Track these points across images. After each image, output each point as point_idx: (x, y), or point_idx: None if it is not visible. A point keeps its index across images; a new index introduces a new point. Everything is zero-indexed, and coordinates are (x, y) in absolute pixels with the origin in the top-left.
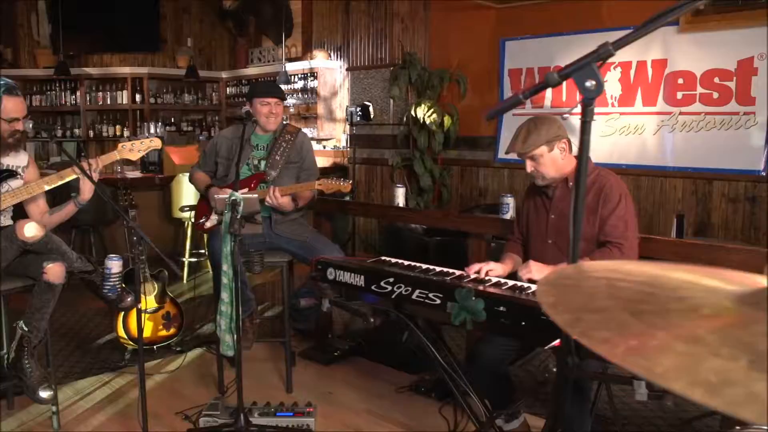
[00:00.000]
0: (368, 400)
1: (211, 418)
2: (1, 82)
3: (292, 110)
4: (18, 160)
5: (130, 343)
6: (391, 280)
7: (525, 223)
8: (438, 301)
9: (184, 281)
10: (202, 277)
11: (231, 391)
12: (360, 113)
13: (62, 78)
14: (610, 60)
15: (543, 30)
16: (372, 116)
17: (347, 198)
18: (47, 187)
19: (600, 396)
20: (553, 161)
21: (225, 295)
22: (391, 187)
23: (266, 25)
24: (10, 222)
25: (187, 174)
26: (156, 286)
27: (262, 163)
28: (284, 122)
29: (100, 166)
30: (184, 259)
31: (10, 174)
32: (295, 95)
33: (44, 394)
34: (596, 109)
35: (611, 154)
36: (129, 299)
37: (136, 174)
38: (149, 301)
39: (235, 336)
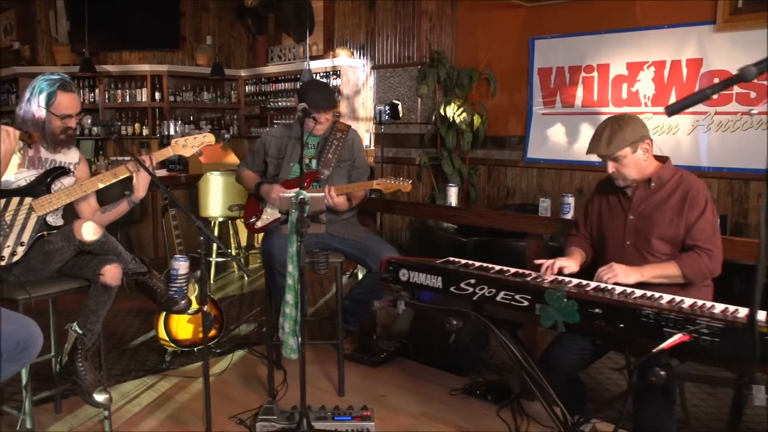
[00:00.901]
0: (422, 403)
1: (268, 423)
2: (56, 77)
3: None
4: (69, 157)
5: (171, 345)
6: (473, 281)
7: (596, 222)
8: (526, 303)
9: (212, 281)
10: (228, 277)
11: (282, 394)
12: (388, 112)
13: (81, 76)
14: (642, 59)
15: (573, 29)
16: (401, 115)
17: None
18: (101, 185)
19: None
20: (636, 162)
21: (290, 297)
22: (418, 186)
23: (287, 23)
24: (61, 221)
25: (214, 173)
26: (197, 286)
27: (314, 161)
28: (334, 120)
29: (154, 163)
30: (211, 259)
31: (63, 171)
32: None
33: (100, 397)
34: (628, 109)
35: None
36: (183, 302)
37: (162, 173)
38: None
39: (299, 339)
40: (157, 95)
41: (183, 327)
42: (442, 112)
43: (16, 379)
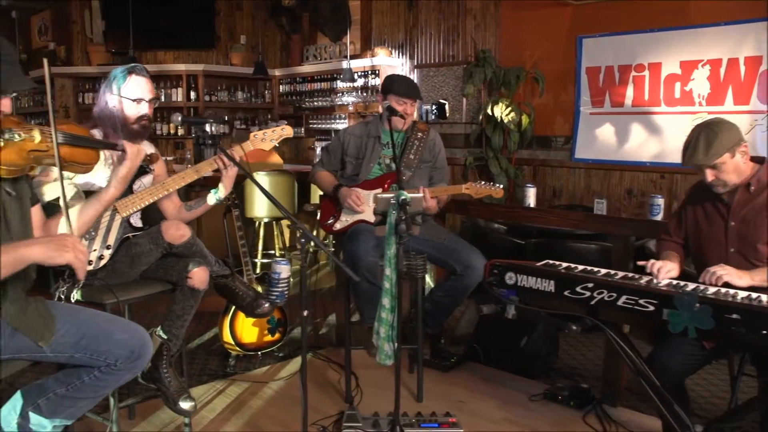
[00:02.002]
0: (504, 409)
1: (353, 430)
2: (128, 65)
3: (351, 108)
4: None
5: (237, 348)
6: (590, 285)
7: (693, 231)
8: (651, 308)
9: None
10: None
11: (358, 400)
12: (435, 111)
13: None
14: (697, 58)
15: (622, 27)
16: (447, 114)
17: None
18: (184, 183)
19: None
20: (736, 167)
21: (386, 301)
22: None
23: (323, 22)
24: (140, 223)
25: (259, 173)
26: (262, 288)
27: (393, 162)
28: (414, 121)
29: (236, 159)
30: (256, 260)
31: (143, 171)
32: (354, 93)
33: (185, 405)
34: (681, 108)
35: None
36: (266, 305)
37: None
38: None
39: (395, 345)
40: (192, 95)
41: (248, 330)
42: (489, 111)
43: None
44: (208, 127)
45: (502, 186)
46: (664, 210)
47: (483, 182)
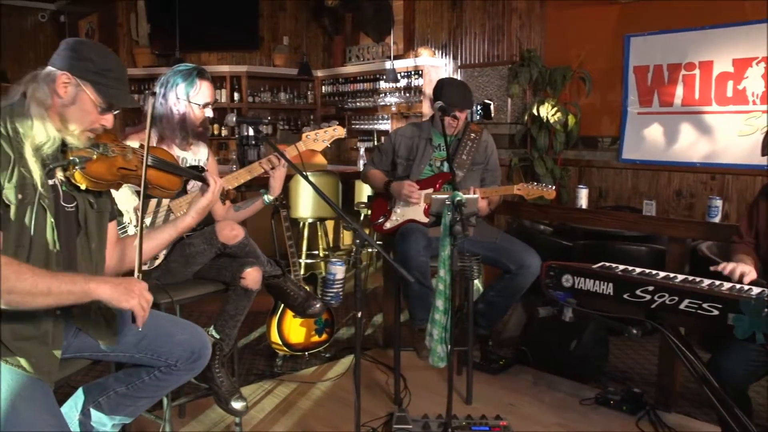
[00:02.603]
0: (554, 413)
1: None
2: (189, 67)
3: (393, 109)
4: (199, 153)
5: (284, 349)
6: (651, 288)
7: (764, 229)
8: (716, 312)
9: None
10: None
11: (407, 401)
12: (480, 112)
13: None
14: (751, 55)
15: (672, 25)
16: (492, 115)
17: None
18: (237, 183)
19: None
20: None
21: (439, 303)
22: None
23: (367, 22)
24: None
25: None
26: (309, 289)
27: (445, 163)
28: (466, 122)
29: (298, 153)
30: (301, 261)
31: (197, 170)
32: (397, 93)
33: (237, 405)
34: (733, 107)
35: (751, 155)
36: (317, 305)
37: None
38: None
39: (448, 347)
40: (236, 96)
41: (296, 330)
42: (534, 111)
43: None
44: (251, 129)
45: (553, 187)
46: (721, 212)
47: (534, 183)
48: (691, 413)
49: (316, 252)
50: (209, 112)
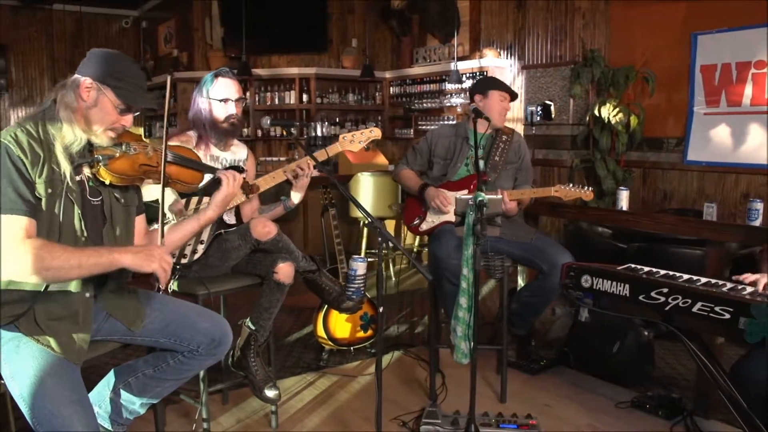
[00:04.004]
0: (588, 415)
1: (432, 426)
2: (213, 72)
3: (459, 110)
4: (239, 154)
5: (329, 342)
6: (665, 290)
7: None
8: (727, 316)
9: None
10: (373, 279)
11: (442, 398)
12: (540, 113)
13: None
14: None
15: (741, 22)
16: (553, 116)
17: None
18: (274, 183)
19: None
20: None
21: (463, 301)
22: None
23: (433, 23)
24: (233, 219)
25: (364, 173)
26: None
27: (480, 163)
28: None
29: (327, 157)
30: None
31: (238, 170)
32: (463, 95)
33: (270, 393)
34: None
35: None
36: (353, 301)
37: (314, 173)
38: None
39: (472, 344)
40: (305, 97)
41: (341, 326)
42: (596, 112)
43: None
44: (319, 129)
45: (592, 189)
46: (763, 215)
47: (572, 185)
48: (732, 420)
49: (375, 251)
50: (232, 108)
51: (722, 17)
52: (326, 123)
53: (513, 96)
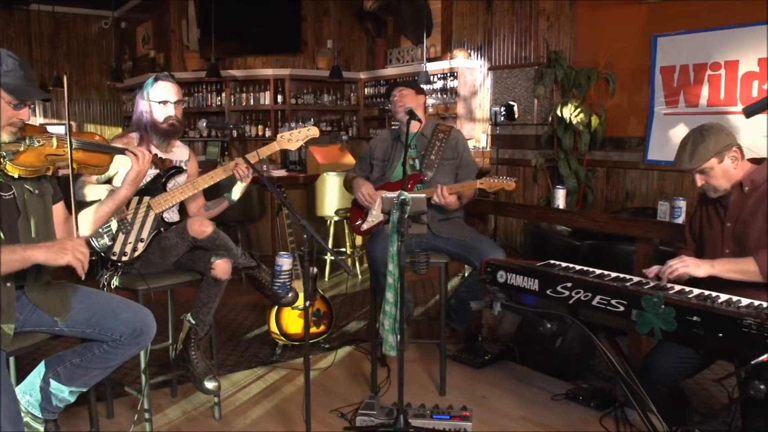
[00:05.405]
0: (523, 407)
1: (367, 418)
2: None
3: (431, 110)
4: (181, 154)
5: (282, 338)
6: (569, 285)
7: (698, 232)
8: (621, 309)
9: (326, 279)
10: (342, 275)
11: (384, 390)
12: (504, 113)
13: (209, 80)
14: None
15: (698, 24)
16: (516, 116)
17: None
18: (212, 182)
19: None
20: (725, 172)
21: (390, 296)
22: (533, 188)
23: (406, 25)
24: (177, 218)
25: (330, 173)
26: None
27: (417, 162)
28: (436, 122)
29: (258, 159)
30: (326, 257)
31: (178, 170)
32: (434, 95)
33: (210, 384)
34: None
35: None
36: (290, 295)
37: (282, 173)
38: (301, 298)
39: (399, 336)
40: (280, 98)
41: (293, 321)
42: (558, 113)
43: (137, 363)
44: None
45: (515, 179)
46: (684, 213)
47: (496, 177)
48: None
49: (344, 249)
50: (171, 110)
51: (681, 20)
52: (301, 123)
53: (415, 88)
